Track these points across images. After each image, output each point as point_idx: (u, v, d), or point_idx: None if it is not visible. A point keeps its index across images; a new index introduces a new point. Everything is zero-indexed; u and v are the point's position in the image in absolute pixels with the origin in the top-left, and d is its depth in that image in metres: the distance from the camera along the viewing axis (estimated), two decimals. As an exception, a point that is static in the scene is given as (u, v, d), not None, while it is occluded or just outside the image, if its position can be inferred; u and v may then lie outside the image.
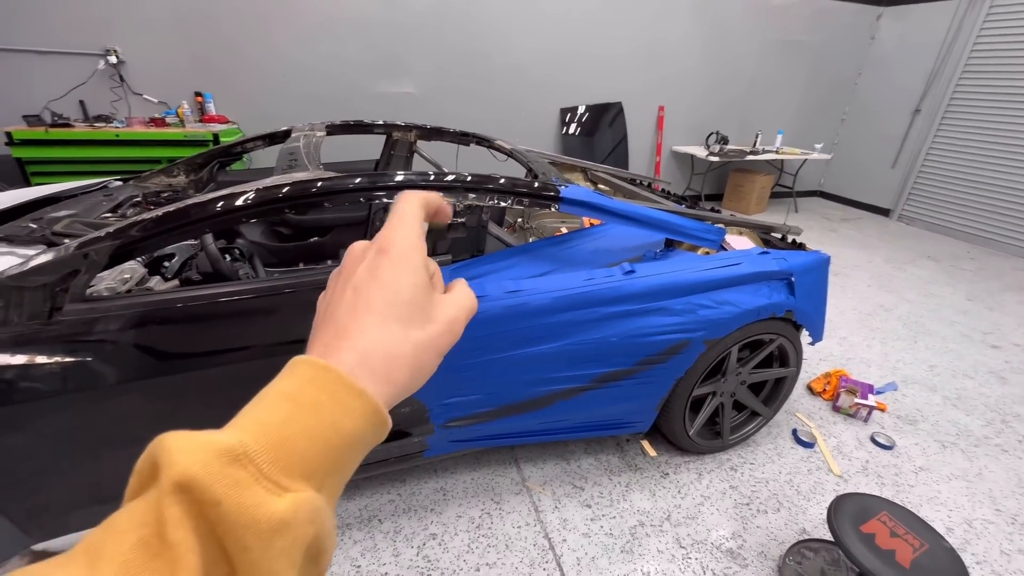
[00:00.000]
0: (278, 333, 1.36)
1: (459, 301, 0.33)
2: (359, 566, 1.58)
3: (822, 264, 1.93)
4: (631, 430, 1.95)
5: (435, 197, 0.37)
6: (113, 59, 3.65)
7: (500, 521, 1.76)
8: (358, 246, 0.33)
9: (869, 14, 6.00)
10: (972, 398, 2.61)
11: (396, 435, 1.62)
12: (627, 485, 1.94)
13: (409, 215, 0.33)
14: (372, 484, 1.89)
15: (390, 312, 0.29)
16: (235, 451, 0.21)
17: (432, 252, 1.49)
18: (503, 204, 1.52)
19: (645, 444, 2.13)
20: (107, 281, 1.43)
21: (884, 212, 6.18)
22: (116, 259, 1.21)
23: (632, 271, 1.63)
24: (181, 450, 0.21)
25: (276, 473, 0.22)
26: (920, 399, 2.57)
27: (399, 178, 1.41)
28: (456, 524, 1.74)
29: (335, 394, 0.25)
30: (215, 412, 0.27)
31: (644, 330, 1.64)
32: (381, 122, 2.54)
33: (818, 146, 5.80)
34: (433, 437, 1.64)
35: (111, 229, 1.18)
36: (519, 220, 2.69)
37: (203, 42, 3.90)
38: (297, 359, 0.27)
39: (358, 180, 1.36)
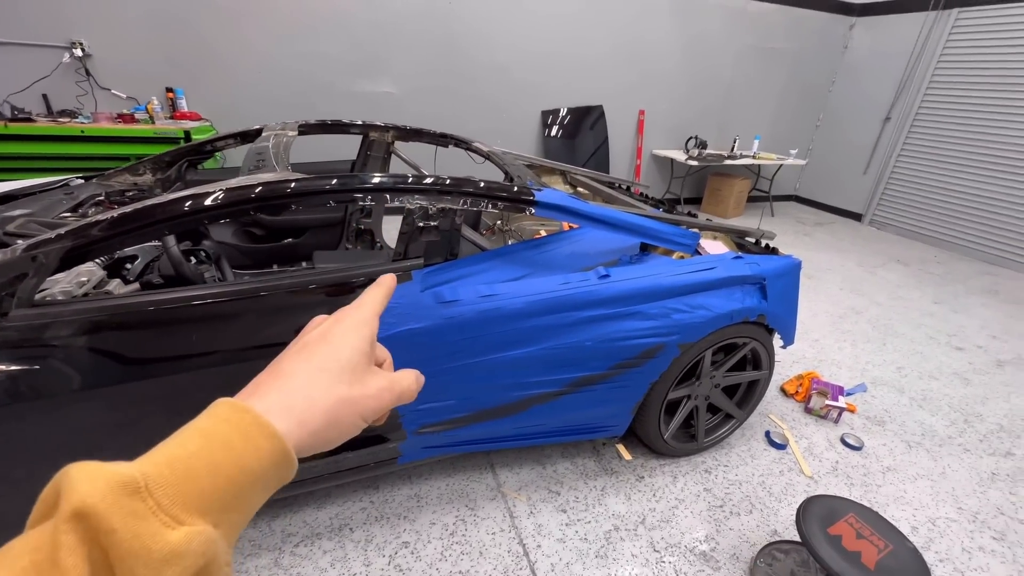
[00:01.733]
0: (244, 337, 1.32)
1: (395, 377, 0.37)
2: (328, 577, 1.55)
3: (794, 269, 1.96)
4: (607, 434, 1.95)
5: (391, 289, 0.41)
6: (79, 52, 3.52)
7: (475, 528, 1.74)
8: (319, 317, 0.38)
9: (842, 24, 6.17)
10: (937, 399, 2.69)
11: (369, 441, 1.59)
12: (603, 489, 1.94)
13: (369, 298, 0.39)
14: (344, 492, 1.85)
15: (324, 365, 0.33)
16: (136, 483, 0.22)
17: (404, 255, 1.47)
18: (479, 208, 1.51)
19: (621, 448, 2.13)
20: (62, 284, 1.37)
21: (856, 217, 6.35)
22: (69, 261, 1.16)
23: (607, 275, 1.63)
24: (83, 480, 0.22)
25: (174, 507, 0.23)
26: (888, 400, 2.64)
27: (375, 180, 1.39)
28: (430, 531, 1.72)
29: (247, 433, 0.27)
30: (179, 420, 0.28)
31: (619, 334, 1.64)
32: (359, 122, 2.50)
33: (793, 152, 5.93)
34: (406, 443, 1.62)
35: (62, 230, 1.13)
36: (498, 223, 2.67)
37: (175, 36, 3.79)
38: (219, 400, 0.28)
39: (333, 182, 1.33)
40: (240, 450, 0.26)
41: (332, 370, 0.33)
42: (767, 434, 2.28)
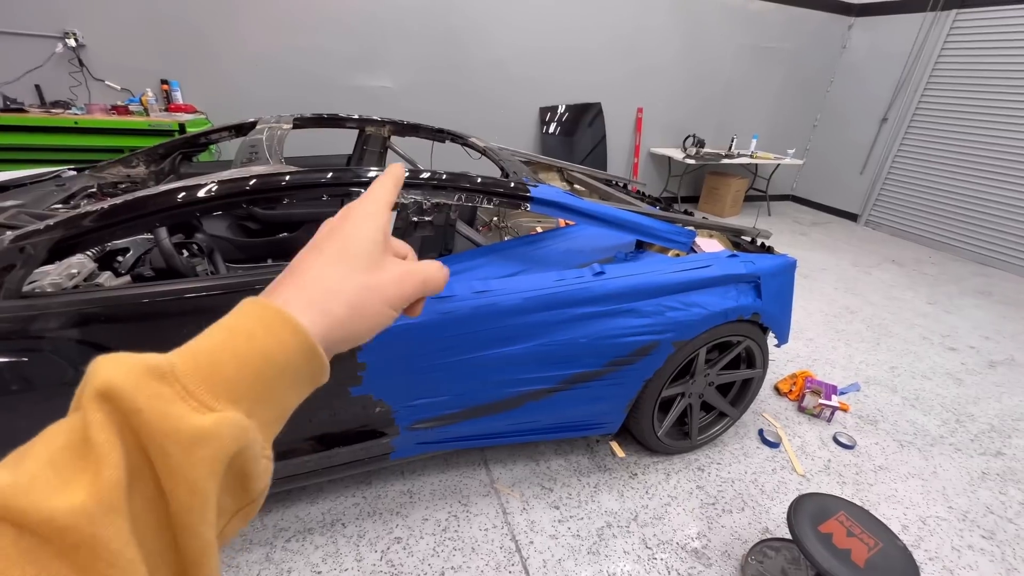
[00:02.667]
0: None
1: (418, 264, 0.36)
2: (320, 572, 1.54)
3: (788, 268, 1.96)
4: (601, 431, 1.95)
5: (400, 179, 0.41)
6: (72, 42, 3.48)
7: (467, 524, 1.74)
8: (329, 219, 0.37)
9: (841, 24, 6.17)
10: (929, 399, 2.70)
11: (362, 436, 1.58)
12: (596, 486, 1.94)
13: (377, 189, 0.37)
14: (336, 487, 1.84)
15: (338, 256, 0.32)
16: (161, 369, 0.22)
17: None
18: (474, 203, 1.50)
19: (614, 445, 2.13)
20: (52, 276, 1.36)
21: (852, 217, 6.37)
22: (58, 253, 1.14)
23: (602, 272, 1.63)
24: (109, 364, 0.22)
25: (202, 393, 0.23)
26: (881, 399, 2.65)
27: (370, 173, 1.38)
28: (422, 527, 1.72)
29: (270, 326, 0.27)
30: None
31: (613, 331, 1.64)
32: (355, 116, 2.48)
33: (791, 151, 5.94)
34: (399, 439, 1.61)
35: (51, 221, 1.11)
36: (494, 219, 2.67)
37: (170, 27, 3.75)
38: (245, 299, 0.28)
39: (328, 175, 1.32)
40: (263, 341, 0.26)
41: (346, 260, 0.32)
42: (760, 432, 2.29)
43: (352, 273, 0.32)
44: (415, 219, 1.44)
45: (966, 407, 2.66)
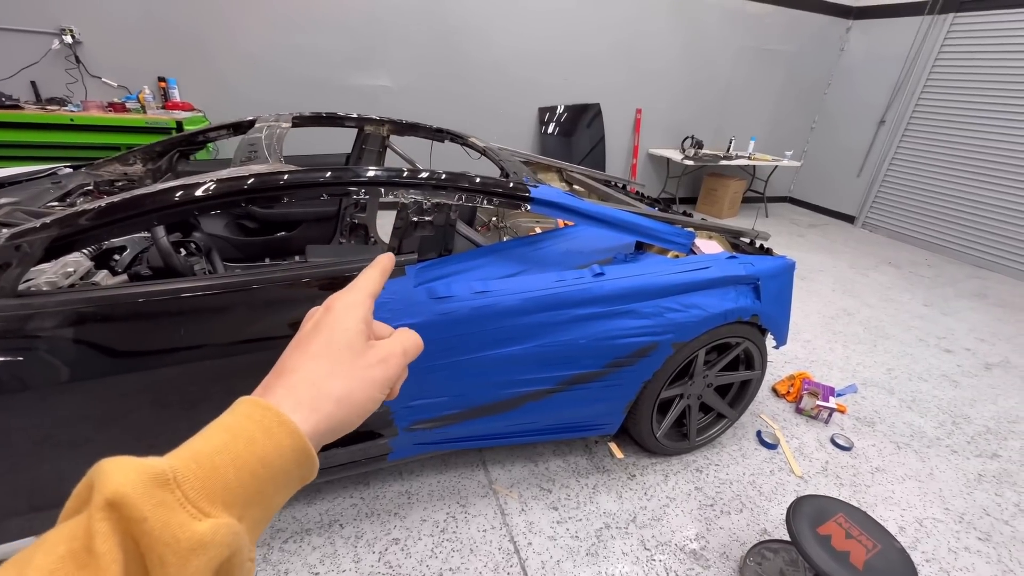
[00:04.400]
0: (234, 331, 1.30)
1: (396, 340, 0.37)
2: (317, 573, 1.54)
3: (787, 269, 1.97)
4: (599, 432, 1.95)
5: (389, 267, 0.42)
6: (68, 39, 3.46)
7: (465, 525, 1.74)
8: (312, 310, 0.38)
9: (839, 26, 6.19)
10: (926, 400, 2.71)
11: (360, 437, 1.58)
12: (594, 487, 1.94)
13: (363, 280, 0.39)
14: (334, 488, 1.83)
15: (323, 351, 0.33)
16: (165, 476, 0.23)
17: (398, 250, 1.46)
18: (474, 203, 1.50)
19: (613, 446, 2.13)
20: (48, 275, 1.35)
21: (849, 219, 6.40)
22: (55, 251, 1.13)
23: (602, 273, 1.62)
24: (116, 472, 0.22)
25: (200, 499, 0.24)
26: (878, 401, 2.66)
27: (369, 173, 1.37)
28: (420, 528, 1.71)
29: (269, 430, 0.27)
30: (167, 413, 0.26)
31: (613, 332, 1.64)
32: (354, 115, 2.47)
33: (788, 153, 5.96)
34: (397, 440, 1.61)
35: (48, 219, 1.10)
36: (493, 219, 2.66)
37: (168, 24, 3.73)
38: (241, 398, 0.29)
39: (326, 174, 1.31)
40: (262, 446, 0.27)
41: (330, 354, 0.33)
42: (758, 434, 2.29)
43: (338, 366, 0.33)
44: (415, 219, 1.43)
45: (962, 409, 2.67)
